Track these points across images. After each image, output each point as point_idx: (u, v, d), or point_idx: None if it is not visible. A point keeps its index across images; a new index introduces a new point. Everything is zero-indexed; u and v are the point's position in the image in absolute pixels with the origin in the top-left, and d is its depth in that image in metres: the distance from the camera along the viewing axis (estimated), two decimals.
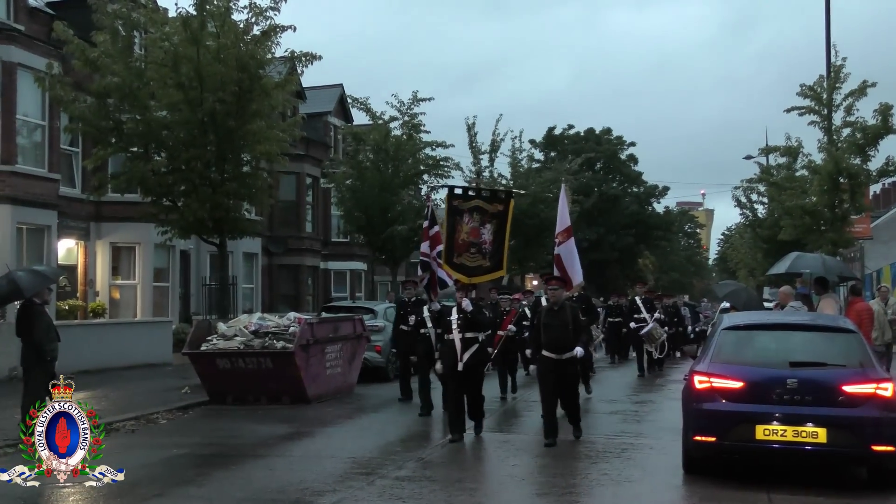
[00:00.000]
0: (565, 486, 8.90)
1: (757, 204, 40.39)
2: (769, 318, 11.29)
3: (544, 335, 10.95)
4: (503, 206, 12.46)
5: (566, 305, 11.17)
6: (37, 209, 21.32)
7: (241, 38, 18.32)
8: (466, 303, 11.39)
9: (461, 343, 11.33)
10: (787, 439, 8.48)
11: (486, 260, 12.31)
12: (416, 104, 28.04)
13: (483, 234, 12.17)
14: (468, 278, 12.07)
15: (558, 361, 10.87)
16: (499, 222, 12.34)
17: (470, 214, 12.21)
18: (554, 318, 10.95)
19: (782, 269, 16.34)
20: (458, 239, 12.15)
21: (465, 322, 11.36)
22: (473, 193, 12.56)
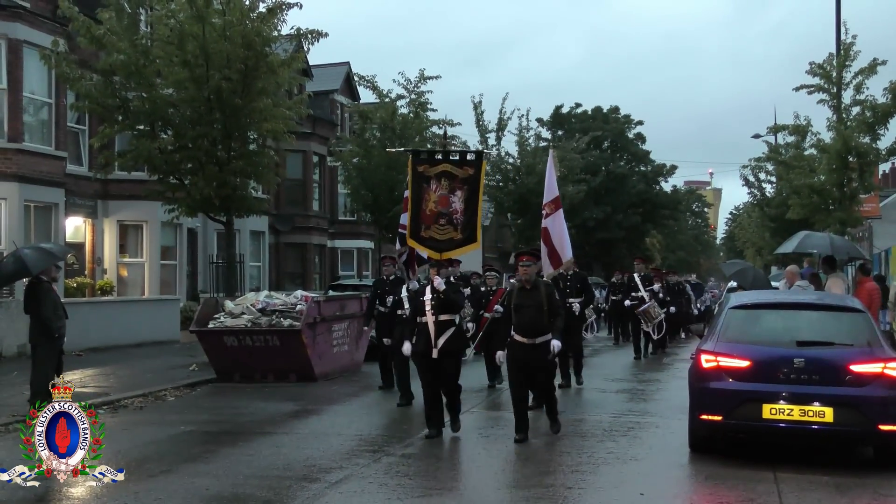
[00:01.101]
0: (571, 465, 8.92)
1: (765, 183, 40.26)
2: (776, 297, 11.26)
3: (515, 317, 9.89)
4: (474, 170, 10.83)
5: (540, 284, 10.10)
6: (44, 187, 21.34)
7: (247, 15, 18.25)
8: (439, 281, 10.11)
9: (435, 327, 10.10)
10: (794, 418, 8.47)
11: (458, 232, 10.77)
12: (422, 82, 27.94)
13: (453, 202, 10.70)
14: (438, 254, 10.73)
15: (531, 346, 9.78)
16: (470, 188, 10.78)
17: (437, 181, 10.72)
18: (526, 299, 9.86)
19: (790, 249, 16.28)
20: (425, 209, 10.73)
21: (438, 303, 10.12)
22: (440, 157, 10.92)
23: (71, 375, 14.67)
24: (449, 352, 10.13)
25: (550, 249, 12.65)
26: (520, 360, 9.88)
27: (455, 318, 10.31)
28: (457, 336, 10.32)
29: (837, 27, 23.91)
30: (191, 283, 28.22)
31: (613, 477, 8.45)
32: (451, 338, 10.17)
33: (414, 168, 10.87)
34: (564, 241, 12.81)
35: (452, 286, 10.51)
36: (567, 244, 12.83)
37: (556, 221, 12.85)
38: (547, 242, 12.73)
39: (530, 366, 9.83)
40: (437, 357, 10.06)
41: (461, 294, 10.70)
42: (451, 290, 10.33)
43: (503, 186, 35.72)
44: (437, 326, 10.10)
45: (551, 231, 12.75)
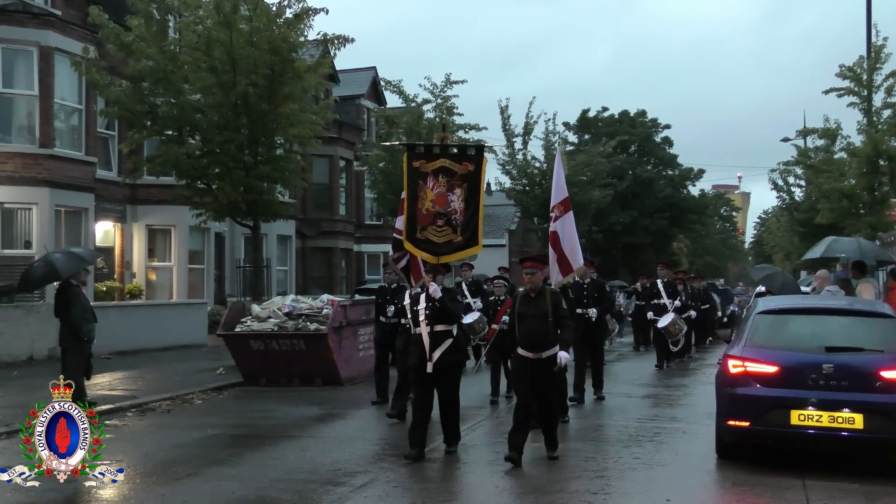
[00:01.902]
0: (597, 470, 8.87)
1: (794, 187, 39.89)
2: (804, 302, 11.15)
3: (519, 328, 9.11)
4: (474, 166, 9.73)
5: (546, 292, 9.19)
6: (74, 192, 21.58)
7: (274, 21, 18.38)
8: (434, 288, 9.20)
9: (430, 338, 9.22)
10: (823, 425, 8.38)
11: (458, 234, 9.68)
12: (449, 87, 27.97)
13: (452, 201, 9.65)
14: (436, 258, 9.64)
15: (535, 362, 8.97)
16: (470, 186, 9.70)
17: (435, 178, 9.68)
18: (530, 308, 9.08)
19: (818, 254, 16.15)
20: (421, 209, 9.69)
21: (433, 312, 9.24)
22: (438, 151, 9.86)
23: (100, 378, 14.81)
24: (446, 366, 9.25)
25: (559, 255, 11.45)
26: (524, 377, 9.12)
27: (453, 328, 9.39)
28: (454, 348, 9.37)
29: (868, 29, 23.68)
30: (218, 287, 28.40)
31: (639, 483, 8.40)
32: (449, 350, 9.27)
33: (409, 164, 9.84)
34: (575, 246, 11.61)
35: (450, 293, 9.57)
36: (578, 250, 11.62)
37: (565, 225, 11.61)
38: (556, 248, 11.56)
39: (535, 381, 9.03)
40: (433, 372, 9.19)
41: (459, 303, 9.79)
42: (449, 297, 9.40)
43: (529, 190, 35.66)
44: (432, 338, 9.23)
45: (561, 235, 11.57)
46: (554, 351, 8.99)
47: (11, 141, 20.87)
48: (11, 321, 17.99)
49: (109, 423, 11.86)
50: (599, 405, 13.45)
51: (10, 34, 20.52)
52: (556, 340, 9.03)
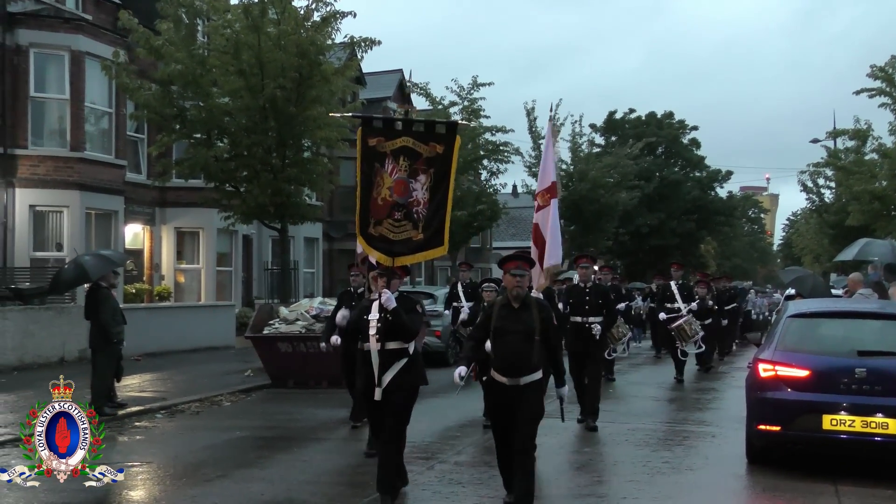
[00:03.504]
0: (625, 474, 8.82)
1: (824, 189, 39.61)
2: (836, 305, 11.03)
3: (494, 346, 7.16)
4: (444, 147, 7.82)
5: (532, 303, 7.22)
6: (104, 195, 21.78)
7: (302, 24, 18.46)
8: (387, 296, 7.51)
9: (380, 357, 7.53)
10: (856, 430, 8.29)
11: (419, 231, 7.77)
12: (475, 89, 27.95)
13: (414, 190, 7.77)
14: (390, 258, 7.79)
15: (513, 390, 7.03)
16: (438, 172, 7.80)
17: (395, 160, 7.77)
18: (511, 321, 7.08)
19: (850, 256, 15.99)
20: (376, 198, 7.79)
21: (385, 326, 7.52)
22: (400, 127, 7.94)
23: (129, 380, 14.93)
24: (397, 391, 7.52)
25: (541, 251, 9.55)
26: (499, 406, 7.30)
27: (408, 346, 7.69)
28: (408, 370, 7.63)
29: None
30: (246, 289, 28.55)
31: (669, 487, 8.34)
32: (402, 373, 7.57)
33: (364, 141, 7.84)
34: (555, 240, 9.50)
35: (407, 303, 7.82)
36: (557, 244, 9.51)
37: (547, 216, 9.51)
38: (538, 243, 9.46)
39: (511, 414, 7.10)
40: (382, 398, 7.49)
41: (418, 314, 7.98)
42: (406, 307, 7.65)
43: None
44: (382, 357, 7.52)
45: (542, 227, 9.47)
46: (536, 376, 7.07)
47: (43, 144, 21.11)
48: (43, 323, 18.18)
49: (139, 424, 11.97)
50: (628, 408, 13.34)
51: (42, 39, 20.77)
52: (540, 363, 7.10)
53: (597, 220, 35.55)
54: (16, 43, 20.59)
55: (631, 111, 54.34)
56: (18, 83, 20.67)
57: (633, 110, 54.45)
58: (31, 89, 20.83)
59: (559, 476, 8.98)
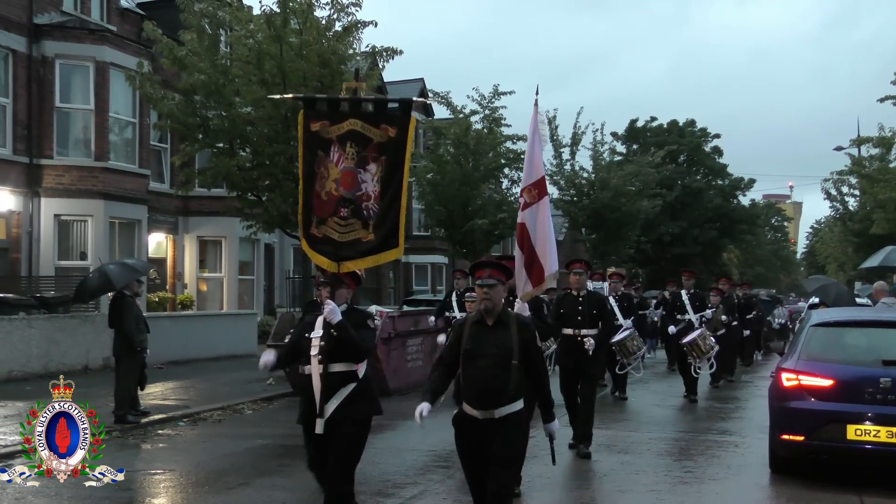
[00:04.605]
0: (647, 483, 8.78)
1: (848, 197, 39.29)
2: (860, 314, 10.94)
3: (464, 372, 5.97)
4: (397, 130, 6.62)
5: (511, 319, 5.98)
6: (128, 204, 21.98)
7: (323, 34, 18.54)
8: (330, 309, 6.34)
9: (323, 382, 6.37)
10: (881, 440, 8.21)
11: (369, 231, 6.58)
12: (496, 98, 27.96)
13: (364, 182, 6.56)
14: (336, 263, 6.60)
15: (487, 424, 5.85)
16: (391, 159, 6.59)
17: (341, 147, 6.59)
18: (484, 342, 5.89)
19: (875, 263, 15.86)
20: (319, 192, 6.63)
21: (329, 344, 6.37)
22: (347, 108, 6.66)
23: (152, 388, 15.03)
24: (343, 423, 6.37)
25: (529, 257, 8.16)
26: (472, 446, 5.97)
27: (357, 369, 6.54)
28: (357, 398, 6.47)
29: None
30: (267, 297, 28.68)
31: (691, 497, 8.30)
32: (349, 401, 6.41)
33: (306, 125, 6.74)
34: (548, 243, 8.25)
35: (357, 317, 6.66)
36: (552, 248, 8.26)
37: (539, 214, 8.29)
38: (524, 246, 8.24)
39: (484, 454, 5.89)
40: (325, 432, 6.37)
41: (370, 330, 6.81)
42: (355, 322, 6.49)
43: (577, 201, 35.52)
44: (325, 382, 6.35)
45: (531, 229, 8.21)
46: (514, 408, 5.84)
47: (68, 154, 21.34)
48: (67, 331, 18.34)
49: (162, 432, 12.04)
50: (649, 417, 13.28)
51: (67, 50, 21.03)
52: (520, 393, 5.89)
53: (618, 228, 35.45)
54: (42, 54, 20.86)
55: (652, 119, 54.24)
56: (44, 94, 20.92)
57: (654, 118, 54.36)
58: (56, 100, 21.08)
59: (580, 484, 8.96)
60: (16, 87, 20.51)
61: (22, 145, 20.62)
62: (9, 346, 16.95)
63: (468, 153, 27.50)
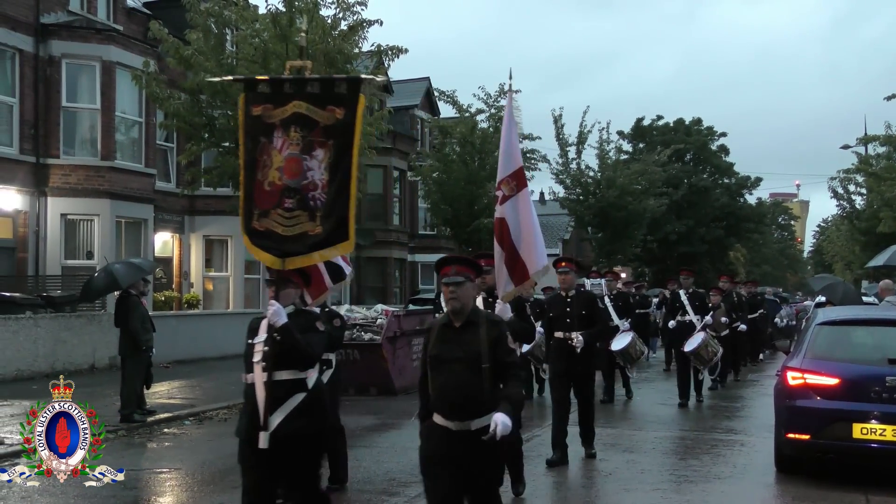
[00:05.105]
0: (652, 482, 8.77)
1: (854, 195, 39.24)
2: (866, 312, 10.92)
3: (433, 380, 5.40)
4: (345, 112, 5.97)
5: (482, 320, 5.36)
6: (134, 203, 22.02)
7: (329, 33, 18.55)
8: (274, 311, 5.71)
9: (266, 391, 5.73)
10: (887, 439, 8.19)
11: (316, 223, 5.91)
12: (502, 96, 27.97)
13: (310, 169, 5.95)
14: (280, 259, 5.96)
15: (459, 437, 5.25)
16: (339, 144, 5.95)
17: (285, 132, 6.00)
18: (452, 346, 5.30)
19: (881, 262, 15.82)
20: (262, 182, 6.05)
21: (274, 350, 5.73)
22: (291, 90, 6.07)
23: (158, 387, 15.06)
24: (290, 439, 5.66)
25: (510, 253, 7.65)
26: (442, 454, 5.34)
27: (306, 377, 5.84)
28: (306, 410, 5.76)
29: None
30: None
31: (696, 496, 8.29)
32: (296, 414, 5.72)
33: (247, 109, 6.13)
34: (534, 238, 7.75)
35: (305, 320, 6.01)
36: (538, 244, 7.80)
37: (519, 207, 7.79)
38: (504, 241, 7.67)
39: (462, 469, 5.27)
40: (270, 447, 5.64)
41: (320, 334, 6.07)
42: (303, 324, 5.91)
43: (583, 200, 35.51)
44: (270, 392, 5.71)
45: (511, 224, 7.70)
46: (489, 419, 5.07)
47: (75, 154, 21.39)
48: (74, 330, 18.39)
49: (168, 431, 12.07)
50: (655, 415, 13.26)
51: (74, 49, 21.07)
52: (495, 402, 5.16)
53: (625, 227, 35.43)
54: (48, 54, 20.91)
55: (659, 118, 54.18)
56: (51, 93, 20.97)
57: (660, 117, 54.30)
58: (63, 99, 21.13)
59: (585, 483, 8.95)
60: (22, 87, 20.56)
61: (28, 145, 20.67)
62: (16, 346, 17.01)
63: (474, 152, 27.53)
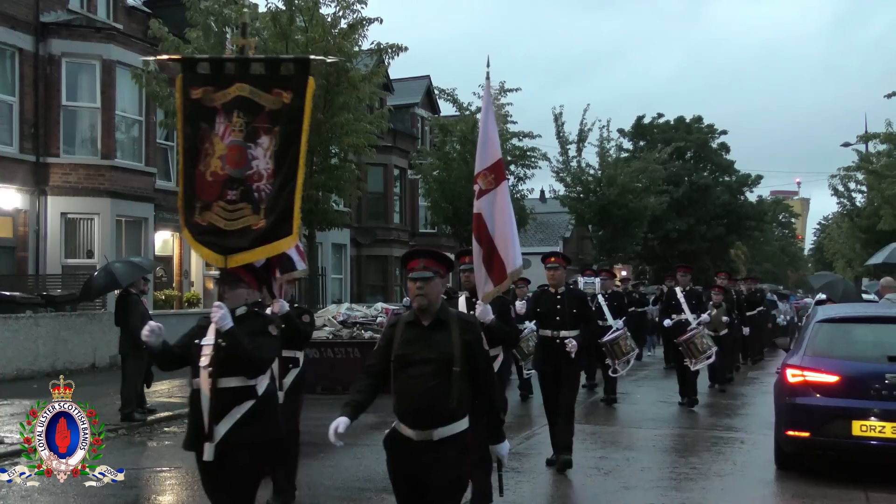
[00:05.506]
0: (652, 480, 8.78)
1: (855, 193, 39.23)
2: (865, 310, 10.92)
3: (396, 384, 4.94)
4: (293, 94, 5.45)
5: (452, 320, 4.92)
6: (135, 202, 22.03)
7: (329, 31, 18.55)
8: (220, 314, 5.11)
9: (212, 399, 5.12)
10: (887, 436, 8.20)
11: (261, 215, 5.39)
12: (503, 94, 27.97)
13: (255, 158, 5.44)
14: (223, 256, 5.40)
15: (423, 448, 4.79)
16: (286, 130, 5.44)
17: (227, 117, 5.47)
18: (419, 346, 4.85)
19: (880, 259, 15.82)
20: (203, 172, 5.48)
21: (219, 355, 5.10)
22: (233, 71, 5.54)
23: (158, 386, 15.06)
24: (237, 451, 5.12)
25: (488, 250, 7.14)
26: (406, 473, 4.92)
27: (256, 383, 5.27)
28: (253, 420, 5.19)
29: None
30: None
31: (696, 493, 8.30)
32: (243, 423, 5.15)
33: (185, 94, 5.61)
34: (509, 235, 7.19)
35: (254, 322, 5.36)
36: (514, 240, 7.23)
37: (496, 203, 7.22)
38: (482, 238, 7.17)
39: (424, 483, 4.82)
40: (215, 459, 5.11)
41: (271, 339, 5.43)
42: (254, 328, 5.29)
43: (584, 198, 35.50)
44: (215, 399, 5.12)
45: (488, 220, 7.17)
46: (456, 428, 4.77)
47: (75, 153, 21.39)
48: (74, 329, 18.41)
49: (168, 429, 12.07)
50: (655, 413, 13.26)
51: (74, 48, 21.07)
52: (464, 409, 4.82)
53: (625, 225, 35.42)
54: (48, 53, 20.90)
55: (659, 116, 54.16)
56: (51, 92, 20.97)
57: (661, 115, 54.28)
58: (63, 98, 21.13)
59: (586, 482, 8.95)
60: (22, 86, 20.56)
61: (29, 144, 20.68)
62: (16, 345, 17.02)
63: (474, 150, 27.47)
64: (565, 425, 9.17)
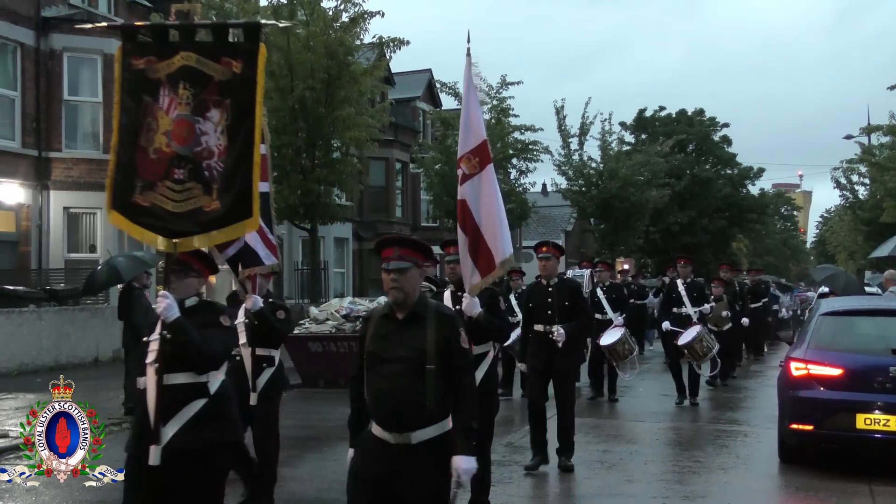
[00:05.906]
0: (656, 473, 8.78)
1: (857, 185, 39.17)
2: (869, 303, 10.91)
3: (369, 382, 4.45)
4: (243, 63, 4.99)
5: (430, 312, 4.45)
6: None
7: (330, 25, 18.55)
8: (165, 305, 4.78)
9: (157, 397, 4.81)
10: (890, 429, 8.19)
11: (212, 196, 4.91)
12: (504, 88, 27.94)
13: (204, 133, 4.95)
14: (171, 241, 4.96)
15: (397, 452, 4.31)
16: (238, 102, 4.95)
17: (173, 89, 4.99)
18: (392, 342, 4.41)
19: (885, 252, 15.81)
20: (146, 149, 5.03)
21: (166, 349, 4.78)
22: (178, 39, 5.11)
23: None
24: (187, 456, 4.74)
25: (474, 240, 6.64)
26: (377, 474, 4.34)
27: (208, 380, 4.91)
28: (204, 421, 4.84)
29: None
30: (276, 289, 28.68)
31: (700, 487, 8.29)
32: (193, 424, 4.81)
33: (126, 64, 5.20)
34: (497, 223, 6.66)
35: (205, 314, 5.06)
36: (503, 229, 6.70)
37: (482, 187, 6.74)
38: (467, 226, 6.68)
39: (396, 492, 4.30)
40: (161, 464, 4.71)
41: (224, 331, 5.10)
42: (204, 320, 4.98)
43: (586, 191, 35.48)
44: (161, 397, 4.81)
45: (473, 207, 6.69)
46: (436, 431, 4.34)
47: (77, 147, 21.38)
48: (77, 324, 18.42)
49: None
50: (658, 407, 13.25)
51: (75, 43, 21.04)
52: (444, 411, 4.38)
53: (627, 218, 35.41)
54: (50, 47, 20.89)
55: (661, 109, 54.09)
56: (52, 87, 20.96)
57: (663, 108, 54.21)
58: (64, 93, 21.12)
59: (589, 475, 8.95)
60: (24, 81, 20.55)
61: (30, 138, 20.67)
62: (19, 339, 17.03)
63: None
64: (565, 426, 8.92)
